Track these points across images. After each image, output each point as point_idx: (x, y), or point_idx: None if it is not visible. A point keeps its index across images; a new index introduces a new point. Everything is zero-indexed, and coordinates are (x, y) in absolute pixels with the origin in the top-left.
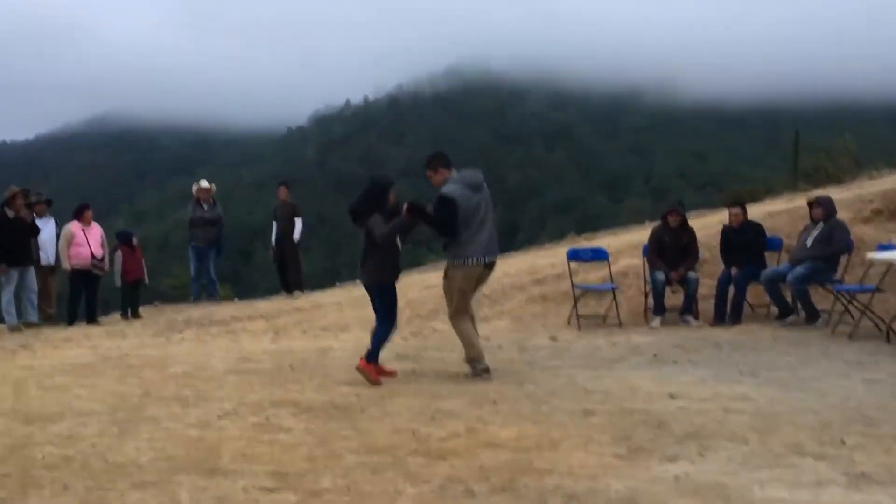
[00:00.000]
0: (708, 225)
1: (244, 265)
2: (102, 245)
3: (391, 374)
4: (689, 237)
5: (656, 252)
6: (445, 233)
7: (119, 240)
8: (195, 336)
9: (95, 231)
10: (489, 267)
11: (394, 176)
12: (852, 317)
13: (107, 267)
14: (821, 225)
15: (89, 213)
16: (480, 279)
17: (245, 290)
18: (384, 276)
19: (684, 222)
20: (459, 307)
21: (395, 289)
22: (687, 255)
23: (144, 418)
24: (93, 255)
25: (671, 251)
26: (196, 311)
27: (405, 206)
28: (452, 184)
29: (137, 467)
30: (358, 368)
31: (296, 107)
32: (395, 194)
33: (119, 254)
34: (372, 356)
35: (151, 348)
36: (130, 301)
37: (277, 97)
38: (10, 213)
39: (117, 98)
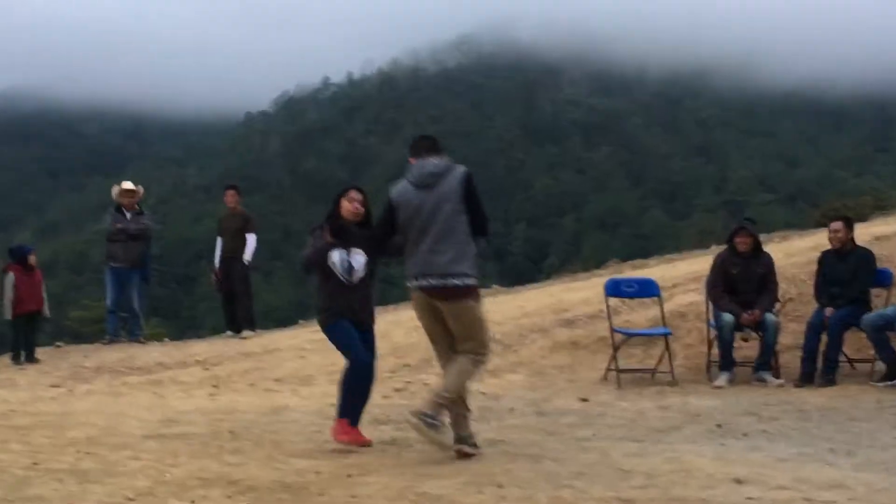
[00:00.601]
0: (796, 251)
1: (185, 294)
2: None
3: (364, 442)
4: (766, 266)
5: (722, 286)
6: (373, 250)
7: (11, 258)
8: (107, 387)
9: None
10: (436, 295)
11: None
12: None
13: None
14: None
15: None
16: (448, 312)
17: (183, 327)
18: (324, 309)
19: (757, 246)
20: (434, 349)
21: (344, 329)
22: (763, 291)
23: (28, 499)
24: None
25: (742, 285)
26: (111, 355)
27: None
28: (399, 183)
29: None
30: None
31: (257, 86)
32: (357, 203)
33: (10, 277)
34: (341, 412)
35: (47, 403)
36: (24, 340)
37: (233, 73)
38: None
39: (24, 71)
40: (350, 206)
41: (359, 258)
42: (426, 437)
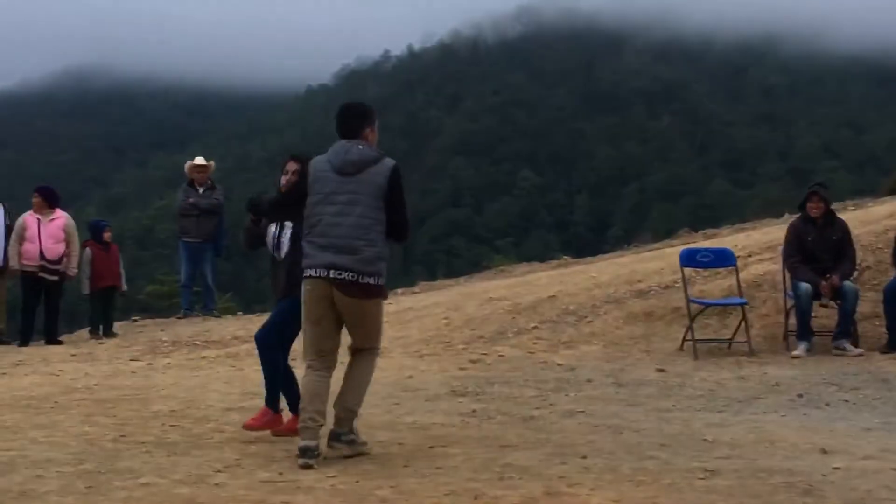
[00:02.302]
0: (869, 219)
1: (250, 269)
2: (64, 241)
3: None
4: (842, 232)
5: (798, 255)
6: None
7: (89, 234)
8: (186, 361)
9: (56, 222)
10: (342, 287)
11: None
12: None
13: (69, 271)
14: None
15: (37, 199)
16: (342, 307)
17: (252, 300)
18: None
19: (831, 212)
20: (305, 345)
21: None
22: (841, 258)
23: (119, 470)
24: (42, 255)
25: (818, 253)
26: (187, 329)
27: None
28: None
29: None
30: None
31: (318, 59)
32: (289, 174)
33: (88, 253)
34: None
35: (129, 377)
36: (102, 315)
37: (294, 47)
38: None
39: (88, 49)
40: (283, 178)
41: (287, 233)
42: (349, 454)
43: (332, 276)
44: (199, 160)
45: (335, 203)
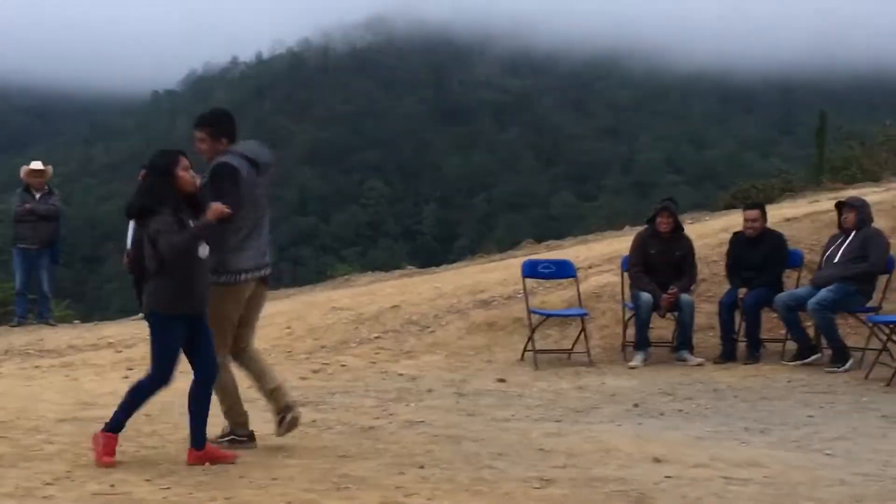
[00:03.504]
0: (706, 232)
1: (91, 275)
2: None
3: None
4: (685, 248)
5: (641, 266)
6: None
7: None
8: (18, 371)
9: None
10: (265, 280)
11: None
12: (893, 357)
13: None
14: (853, 235)
15: None
16: (255, 301)
17: (90, 309)
18: (173, 304)
19: (678, 227)
20: (225, 344)
21: (185, 326)
22: (681, 273)
23: None
24: None
25: (660, 266)
26: (21, 337)
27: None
28: (230, 155)
29: None
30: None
31: (165, 65)
32: (191, 173)
33: None
34: (114, 424)
35: None
36: None
37: (141, 51)
38: None
39: None
40: (189, 176)
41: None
42: (248, 447)
43: (264, 273)
44: (36, 165)
45: (260, 203)
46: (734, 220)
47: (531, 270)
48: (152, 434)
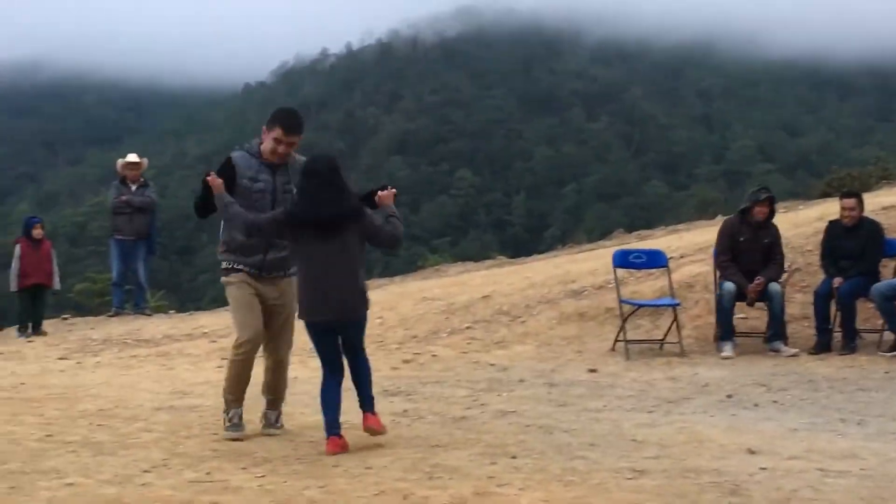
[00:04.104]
0: (802, 221)
1: (185, 266)
2: None
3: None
4: (772, 236)
5: (728, 253)
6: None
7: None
8: (116, 360)
9: None
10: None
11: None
12: None
13: None
14: None
15: None
16: (273, 296)
17: (185, 299)
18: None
19: (770, 216)
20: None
21: None
22: (769, 261)
23: (44, 471)
24: None
25: (748, 254)
26: (118, 327)
27: None
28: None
29: None
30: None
31: (256, 57)
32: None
33: (18, 249)
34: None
35: (57, 376)
36: (31, 313)
37: (232, 45)
38: None
39: (21, 44)
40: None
41: None
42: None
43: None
44: (132, 157)
45: (267, 197)
46: (829, 209)
47: (622, 260)
48: (247, 423)
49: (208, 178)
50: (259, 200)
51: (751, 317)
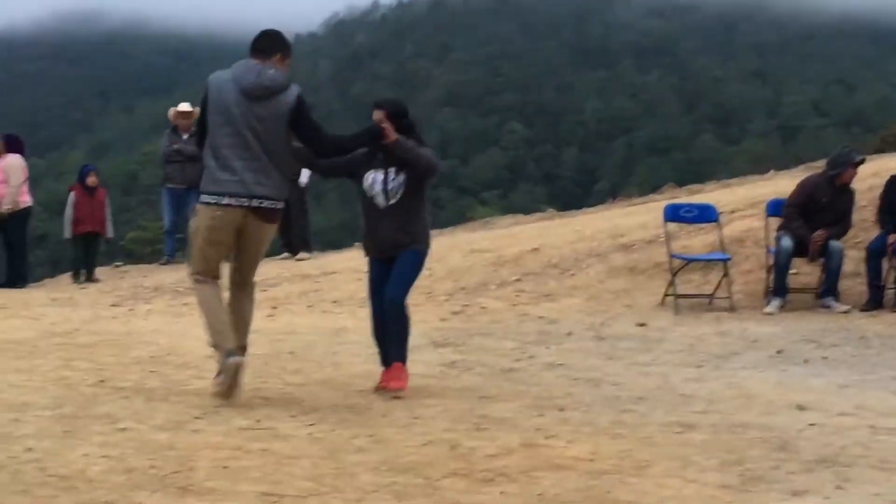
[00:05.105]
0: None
1: None
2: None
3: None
4: (848, 202)
5: (800, 209)
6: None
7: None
8: (167, 308)
9: None
10: (262, 214)
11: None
12: None
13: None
14: None
15: None
16: (246, 232)
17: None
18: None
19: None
20: (198, 266)
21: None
22: (838, 221)
23: (97, 416)
24: None
25: (822, 215)
26: (170, 276)
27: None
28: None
29: (86, 481)
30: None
31: (307, 8)
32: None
33: (71, 196)
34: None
35: (109, 322)
36: (84, 260)
37: None
38: None
39: None
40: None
41: (399, 178)
42: (229, 365)
43: (253, 204)
44: (184, 106)
45: (233, 123)
46: (885, 165)
47: (673, 214)
48: (296, 372)
49: (384, 127)
50: None
51: (802, 273)
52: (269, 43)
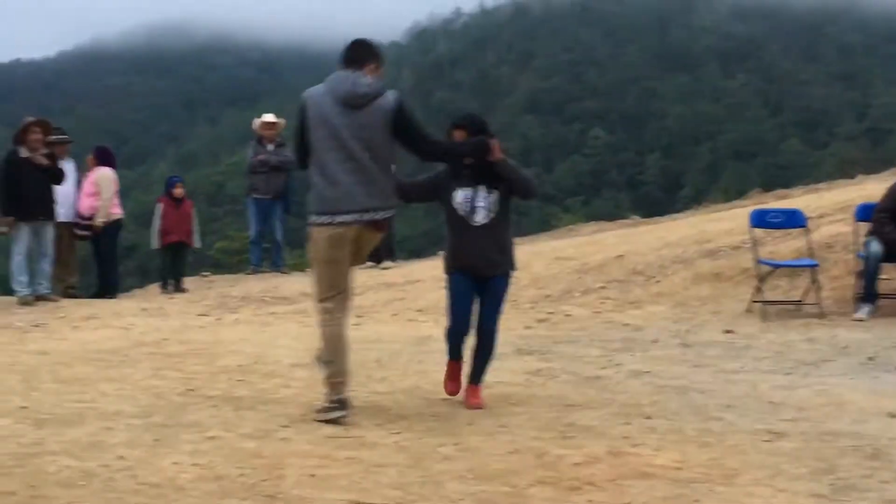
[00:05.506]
0: None
1: None
2: (95, 194)
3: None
4: None
5: (892, 215)
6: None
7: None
8: (254, 317)
9: (90, 177)
10: (374, 225)
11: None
12: None
13: (95, 221)
14: None
15: (89, 157)
16: (359, 244)
17: None
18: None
19: None
20: (324, 291)
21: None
22: None
23: (186, 424)
24: (78, 212)
25: None
26: (256, 285)
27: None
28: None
29: (176, 489)
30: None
31: (389, 18)
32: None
33: (158, 207)
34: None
35: (197, 332)
36: (172, 270)
37: (366, 3)
38: (24, 152)
39: (161, 7)
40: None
41: (490, 197)
42: (334, 421)
43: (366, 218)
44: (269, 117)
45: (335, 139)
46: None
47: (759, 220)
48: (382, 380)
49: (492, 143)
50: None
51: (892, 277)
52: (361, 52)
